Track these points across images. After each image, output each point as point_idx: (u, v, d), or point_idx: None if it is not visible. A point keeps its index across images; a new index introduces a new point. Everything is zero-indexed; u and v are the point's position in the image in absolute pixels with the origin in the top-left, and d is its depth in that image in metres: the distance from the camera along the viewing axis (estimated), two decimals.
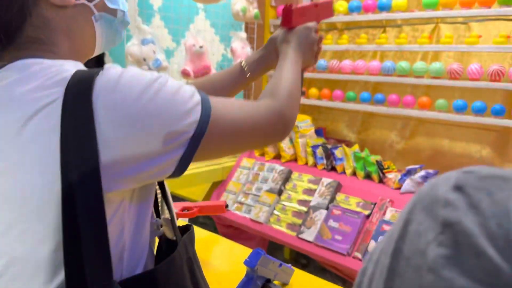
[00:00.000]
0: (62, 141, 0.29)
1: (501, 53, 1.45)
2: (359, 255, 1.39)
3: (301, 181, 1.67)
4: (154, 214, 0.42)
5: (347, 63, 1.66)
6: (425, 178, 1.47)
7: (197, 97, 0.35)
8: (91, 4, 0.39)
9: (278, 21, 1.89)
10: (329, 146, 1.70)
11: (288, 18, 0.56)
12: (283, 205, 1.64)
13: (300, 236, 1.50)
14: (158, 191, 0.43)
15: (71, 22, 0.38)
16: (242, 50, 1.64)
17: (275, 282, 0.74)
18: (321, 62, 1.75)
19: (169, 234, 0.42)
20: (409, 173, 1.51)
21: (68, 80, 0.31)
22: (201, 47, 1.47)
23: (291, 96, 0.47)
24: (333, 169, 1.68)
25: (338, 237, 1.44)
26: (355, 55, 1.83)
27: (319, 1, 0.63)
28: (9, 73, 0.34)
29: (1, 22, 0.34)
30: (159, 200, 0.44)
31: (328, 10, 0.63)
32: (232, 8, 1.65)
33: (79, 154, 0.29)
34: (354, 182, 1.61)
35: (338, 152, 1.65)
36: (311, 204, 1.57)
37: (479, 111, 1.36)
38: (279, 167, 1.75)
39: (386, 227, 1.41)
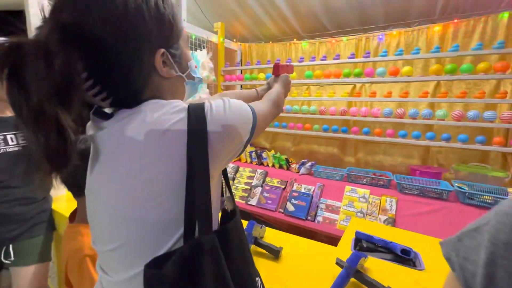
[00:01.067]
0: (188, 143, 0.37)
1: (347, 101, 2.18)
2: (281, 210, 1.87)
3: (245, 172, 2.24)
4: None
5: None
6: (311, 166, 2.07)
7: (251, 109, 0.45)
8: (184, 75, 0.48)
9: (226, 83, 2.54)
10: (258, 151, 2.37)
11: (277, 70, 0.77)
12: (236, 186, 2.16)
13: (248, 203, 2.01)
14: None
15: (173, 86, 0.47)
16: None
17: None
18: None
19: (230, 206, 0.53)
20: (302, 164, 2.12)
21: (186, 108, 0.40)
22: None
23: (281, 98, 0.65)
24: (262, 164, 2.32)
25: (269, 202, 1.95)
26: None
27: (288, 64, 0.85)
28: (142, 107, 0.41)
29: (131, 90, 0.42)
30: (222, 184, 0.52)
31: (291, 69, 0.86)
32: (200, 75, 2.33)
33: (198, 153, 0.37)
34: (274, 171, 2.18)
35: (264, 154, 2.32)
36: (252, 184, 2.12)
37: (332, 130, 2.13)
38: (231, 164, 2.31)
39: (294, 194, 1.87)
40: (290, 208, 1.88)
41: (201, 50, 2.53)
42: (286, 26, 2.47)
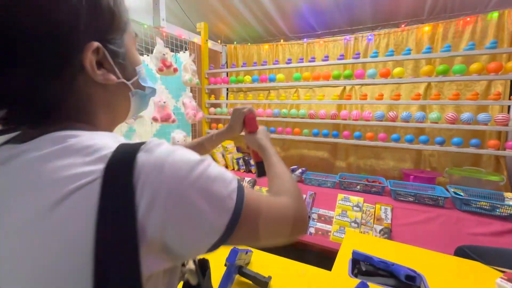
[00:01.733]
0: (98, 224, 0.23)
1: (337, 104, 2.11)
2: None
3: None
4: None
5: None
6: (302, 172, 1.97)
7: (234, 185, 0.30)
8: (129, 83, 0.36)
9: (211, 87, 2.39)
10: (246, 158, 2.25)
11: (255, 124, 0.65)
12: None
13: None
14: None
15: (112, 97, 0.35)
16: (190, 103, 2.06)
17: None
18: None
19: (193, 281, 0.41)
20: (292, 171, 2.00)
21: (108, 157, 0.26)
22: (164, 102, 1.83)
23: (303, 199, 0.42)
24: (250, 171, 2.20)
25: None
26: (256, 106, 2.43)
27: (253, 114, 0.68)
28: (42, 144, 0.27)
29: (42, 95, 0.28)
30: None
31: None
32: (182, 78, 2.03)
33: (117, 237, 0.23)
34: (263, 179, 2.22)
35: (252, 161, 2.18)
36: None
37: (323, 135, 2.00)
38: None
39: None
40: None
41: (184, 52, 2.40)
42: (273, 26, 2.37)
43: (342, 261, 0.95)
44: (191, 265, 0.41)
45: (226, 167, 2.34)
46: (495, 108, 1.77)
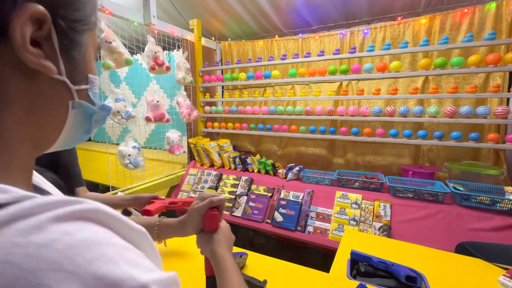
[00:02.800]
0: None
1: (333, 100, 2.05)
2: (269, 221, 1.72)
3: (229, 179, 2.08)
4: None
5: (248, 108, 2.19)
6: (299, 170, 1.91)
7: None
8: (73, 87, 0.25)
9: (205, 85, 2.32)
10: (243, 157, 2.18)
11: (216, 222, 0.53)
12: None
13: (233, 214, 1.84)
14: None
15: (38, 98, 0.23)
16: (184, 102, 2.03)
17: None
18: (234, 108, 2.25)
19: None
20: (290, 168, 1.96)
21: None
22: (157, 101, 1.79)
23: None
24: (247, 170, 2.15)
25: (255, 212, 1.79)
26: (252, 104, 2.40)
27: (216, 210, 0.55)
28: None
29: None
30: None
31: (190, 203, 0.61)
32: (176, 76, 2.00)
33: None
34: (260, 177, 2.01)
35: (249, 160, 2.13)
36: (237, 193, 1.95)
37: (320, 131, 1.93)
38: (214, 172, 2.16)
39: (282, 202, 1.73)
40: (278, 218, 1.72)
41: (177, 50, 2.35)
42: (267, 22, 2.33)
43: (341, 262, 0.92)
44: None
45: (223, 166, 2.30)
46: (494, 101, 1.74)
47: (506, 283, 0.83)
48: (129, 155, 1.65)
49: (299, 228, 1.66)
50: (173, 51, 2.46)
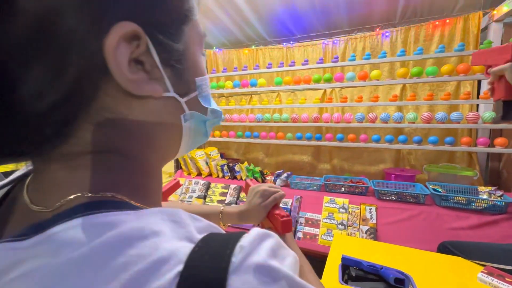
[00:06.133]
0: None
1: (318, 107, 2.09)
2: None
3: (217, 188, 2.05)
4: None
5: (235, 116, 2.23)
6: (287, 177, 1.94)
7: None
8: (182, 100, 0.23)
9: None
10: (231, 164, 2.17)
11: (290, 226, 0.52)
12: (208, 205, 2.06)
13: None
14: None
15: (152, 120, 0.22)
16: None
17: None
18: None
19: None
20: (278, 175, 1.98)
21: (181, 268, 0.15)
22: None
23: None
24: (235, 178, 2.13)
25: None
26: (239, 111, 2.42)
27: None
28: (56, 243, 0.16)
29: (26, 118, 0.17)
30: None
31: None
32: None
33: None
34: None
35: (237, 167, 2.13)
36: (226, 202, 1.90)
37: (306, 138, 1.98)
38: (201, 181, 2.12)
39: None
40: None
41: None
42: (252, 31, 2.37)
43: (332, 267, 0.95)
44: None
45: (211, 174, 2.28)
46: (465, 107, 1.87)
47: (485, 279, 0.89)
48: None
49: None
50: None
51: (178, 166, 2.42)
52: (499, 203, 1.41)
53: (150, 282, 0.15)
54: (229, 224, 0.59)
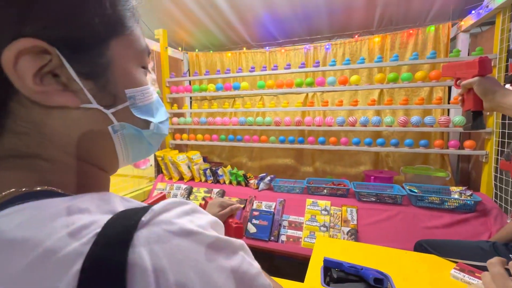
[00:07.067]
0: None
1: (300, 111, 2.16)
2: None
3: (199, 192, 2.04)
4: None
5: (218, 119, 2.21)
6: (271, 180, 1.94)
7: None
8: (109, 112, 0.24)
9: (173, 96, 2.26)
10: (213, 168, 2.14)
11: (242, 233, 0.61)
12: None
13: None
14: None
15: (76, 130, 0.23)
16: None
17: None
18: (203, 119, 2.22)
19: None
20: (261, 179, 1.98)
21: (95, 234, 0.17)
22: None
23: None
24: (218, 182, 2.11)
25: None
26: (222, 115, 2.40)
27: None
28: None
29: None
30: None
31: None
32: None
33: None
34: (232, 188, 1.99)
35: (219, 171, 2.10)
36: None
37: (289, 141, 2.02)
38: (183, 185, 2.10)
39: (255, 213, 1.73)
40: (252, 229, 1.72)
41: None
42: (234, 35, 2.37)
43: (314, 270, 0.96)
44: None
45: (193, 179, 2.25)
46: (437, 111, 1.98)
47: (457, 276, 0.94)
48: None
49: (272, 238, 1.68)
50: None
51: (159, 171, 2.35)
52: (469, 202, 1.50)
53: (71, 243, 0.17)
54: None
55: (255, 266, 0.23)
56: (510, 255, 1.01)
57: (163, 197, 0.74)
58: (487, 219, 1.46)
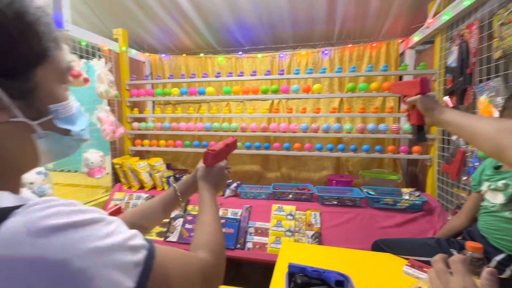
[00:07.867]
0: None
1: (265, 117, 2.18)
2: None
3: None
4: None
5: (182, 124, 2.14)
6: (237, 186, 1.94)
7: (141, 254, 0.29)
8: (34, 123, 0.30)
9: (133, 99, 2.15)
10: (177, 176, 2.05)
11: (207, 160, 0.63)
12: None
13: (167, 240, 1.71)
14: None
15: (6, 139, 0.29)
16: (107, 118, 1.82)
17: None
18: (166, 124, 2.14)
19: None
20: (227, 185, 1.93)
21: None
22: None
23: (222, 253, 0.45)
24: None
25: (192, 235, 1.56)
26: (187, 120, 2.35)
27: (228, 141, 0.72)
28: None
29: None
30: None
31: (234, 145, 0.73)
32: (97, 89, 1.78)
33: None
34: (197, 196, 2.19)
35: (184, 177, 2.23)
36: (172, 216, 1.81)
37: (255, 147, 2.04)
38: (144, 195, 1.98)
39: (221, 221, 1.94)
40: None
41: (99, 59, 2.11)
42: (200, 39, 2.34)
43: (279, 276, 0.96)
44: None
45: (155, 187, 2.13)
46: (389, 119, 2.16)
47: (408, 271, 1.01)
48: (31, 183, 1.35)
49: (238, 245, 1.65)
50: (92, 60, 2.19)
51: (116, 180, 2.18)
52: (417, 202, 1.65)
53: None
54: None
55: None
56: (451, 250, 1.13)
57: (118, 210, 0.73)
58: (432, 217, 1.62)
